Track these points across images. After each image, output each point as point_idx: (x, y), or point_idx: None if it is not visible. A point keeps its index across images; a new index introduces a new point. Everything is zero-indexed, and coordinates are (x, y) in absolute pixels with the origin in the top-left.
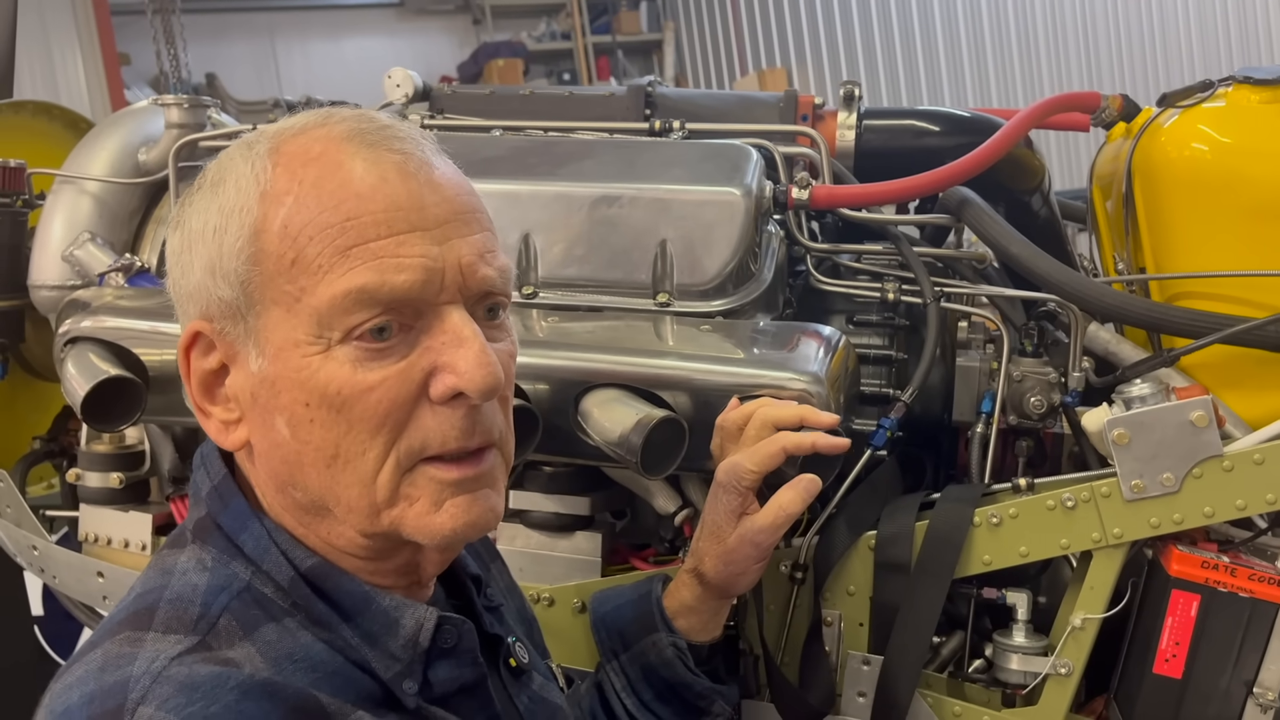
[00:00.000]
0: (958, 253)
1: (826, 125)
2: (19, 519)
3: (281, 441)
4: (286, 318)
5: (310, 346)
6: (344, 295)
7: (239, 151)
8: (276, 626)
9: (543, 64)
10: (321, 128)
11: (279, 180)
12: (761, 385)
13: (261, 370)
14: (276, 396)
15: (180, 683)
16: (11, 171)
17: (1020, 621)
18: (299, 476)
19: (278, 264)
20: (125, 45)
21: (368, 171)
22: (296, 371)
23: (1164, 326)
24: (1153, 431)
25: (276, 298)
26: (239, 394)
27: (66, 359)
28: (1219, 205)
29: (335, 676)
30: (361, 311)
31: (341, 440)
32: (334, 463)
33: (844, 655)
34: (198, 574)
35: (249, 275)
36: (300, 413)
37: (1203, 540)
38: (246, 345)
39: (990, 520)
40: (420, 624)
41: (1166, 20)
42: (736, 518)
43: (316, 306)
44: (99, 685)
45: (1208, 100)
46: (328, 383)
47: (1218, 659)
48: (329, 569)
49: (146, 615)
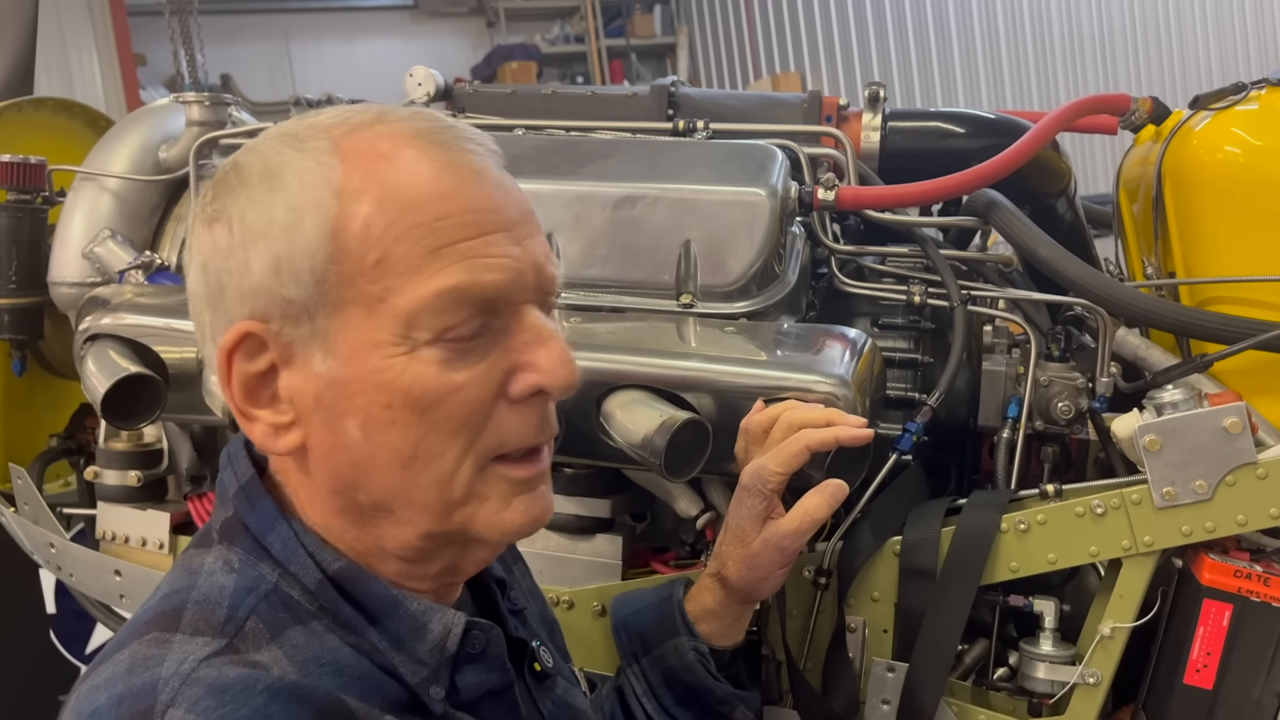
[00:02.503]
0: (983, 255)
1: (851, 126)
2: (36, 516)
3: (350, 444)
4: (365, 318)
5: (394, 348)
6: (437, 296)
7: (285, 145)
8: (303, 630)
9: (556, 67)
10: (382, 124)
11: (351, 178)
12: (787, 388)
13: (330, 371)
14: (350, 399)
15: (209, 685)
16: (32, 168)
17: (1048, 630)
18: (367, 479)
19: (359, 264)
20: (141, 46)
21: (445, 172)
22: (377, 373)
23: (1197, 331)
24: (1185, 438)
25: (354, 298)
26: (297, 396)
27: (86, 356)
28: (1252, 209)
29: (362, 680)
30: (454, 312)
31: (421, 441)
32: (411, 464)
33: (868, 662)
34: (224, 575)
35: (325, 274)
36: (379, 414)
37: (1234, 549)
38: (310, 346)
39: (1018, 526)
40: (448, 629)
41: (1184, 21)
42: (761, 522)
43: (405, 307)
44: (127, 687)
45: (1240, 103)
46: (413, 384)
47: (1250, 670)
48: (356, 572)
49: (174, 616)
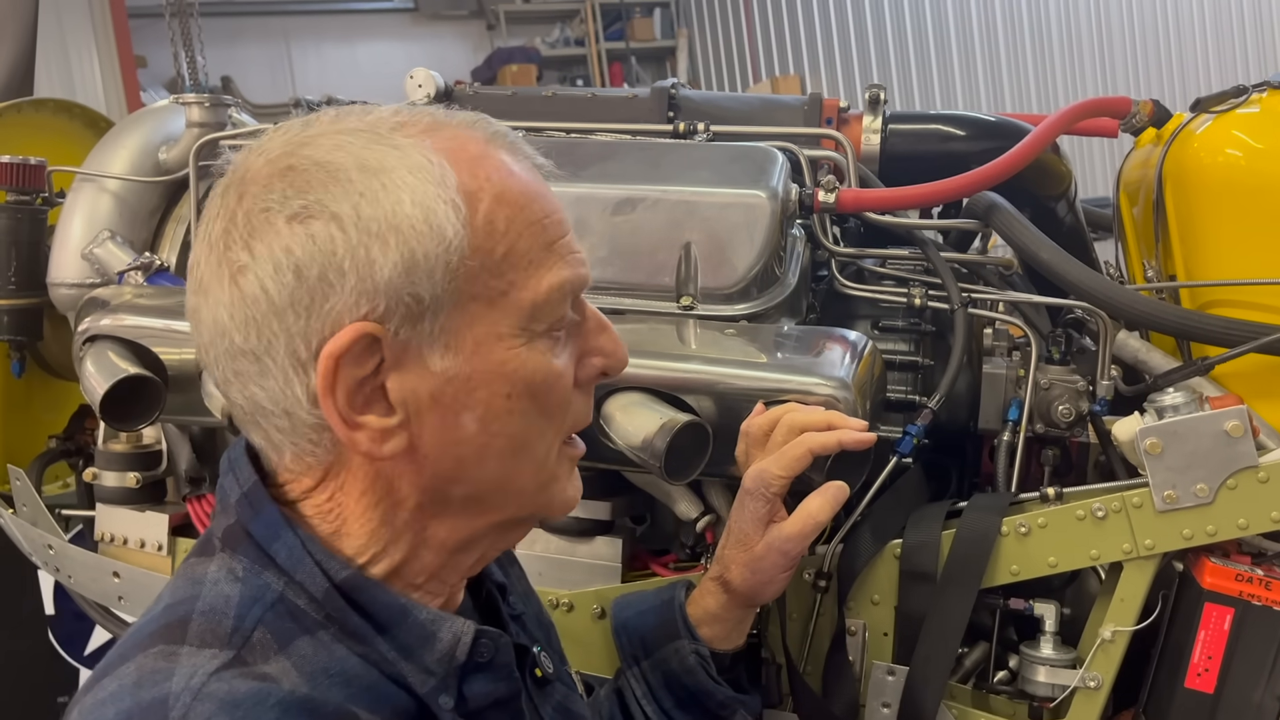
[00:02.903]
0: (984, 258)
1: (851, 129)
2: (35, 517)
3: (465, 438)
4: (488, 312)
5: (515, 339)
6: (557, 288)
7: (371, 142)
8: (310, 640)
9: (556, 70)
10: (453, 126)
11: (463, 175)
12: (787, 390)
13: (450, 368)
14: (471, 393)
15: (221, 700)
16: (32, 169)
17: (1048, 633)
18: (473, 470)
19: (487, 258)
20: (141, 48)
21: (532, 174)
22: (501, 364)
23: (1197, 335)
24: (1186, 441)
25: (478, 292)
26: (410, 397)
27: (85, 357)
28: (1253, 212)
29: (370, 691)
30: (563, 304)
31: (532, 427)
32: (521, 450)
33: (868, 665)
34: (229, 584)
35: (459, 269)
36: (500, 405)
37: (1235, 553)
38: (429, 344)
39: (1018, 530)
40: (458, 637)
41: (1182, 24)
42: (764, 525)
43: (531, 299)
44: (135, 702)
45: (1241, 106)
46: (534, 372)
47: (1251, 674)
48: (363, 581)
49: (180, 627)
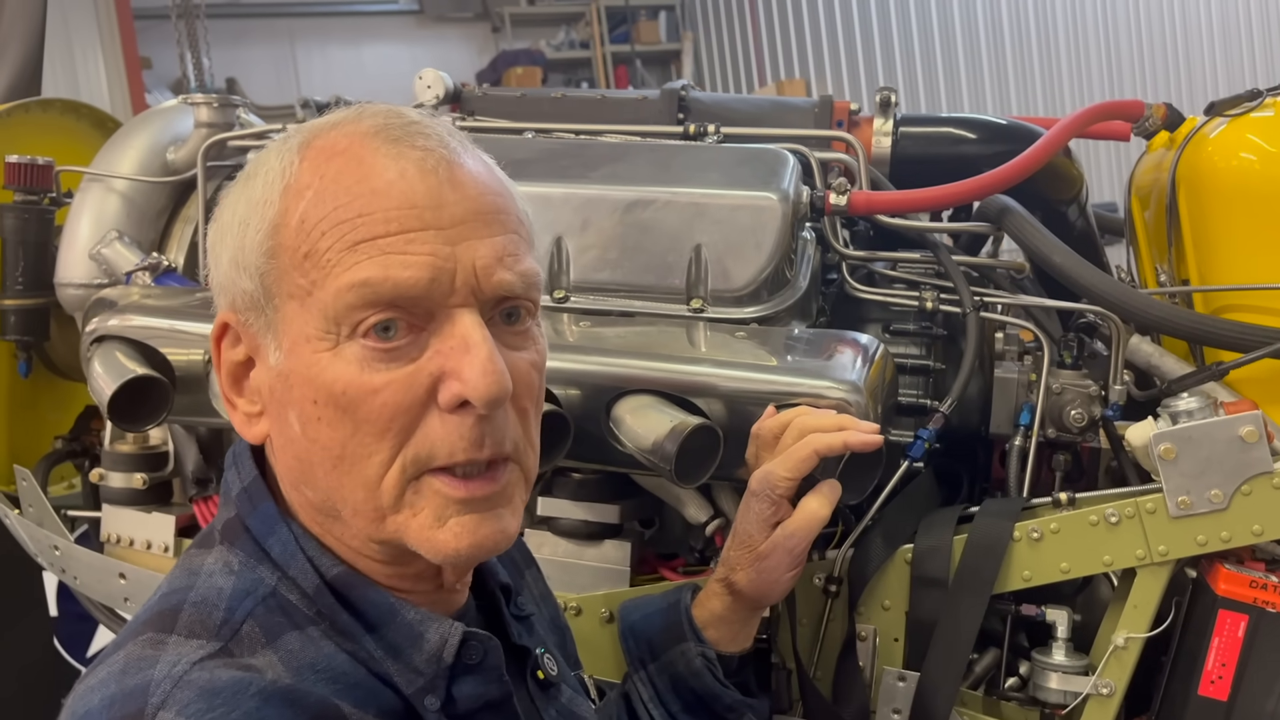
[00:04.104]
0: (995, 261)
1: (862, 131)
2: (41, 518)
3: (294, 438)
4: (300, 312)
5: (320, 342)
6: (348, 289)
7: (275, 146)
8: (299, 635)
9: (561, 72)
10: (352, 123)
11: (303, 174)
12: (798, 393)
13: (278, 364)
14: (290, 391)
15: (201, 688)
16: (40, 169)
17: (1060, 640)
18: (310, 475)
19: (292, 257)
20: (146, 49)
21: (387, 167)
22: (308, 367)
23: (1212, 339)
24: (1201, 447)
25: (291, 291)
26: (260, 387)
27: (94, 358)
28: (1267, 215)
29: (357, 689)
30: (366, 307)
31: (348, 441)
32: (340, 463)
33: (879, 671)
34: (224, 577)
35: (267, 268)
36: (309, 410)
37: (1249, 559)
38: (266, 338)
39: (1031, 535)
40: (445, 639)
41: (1189, 27)
42: (770, 527)
43: (326, 300)
44: (120, 688)
45: (1256, 109)
46: (334, 381)
47: (1265, 681)
48: (355, 578)
49: (170, 617)
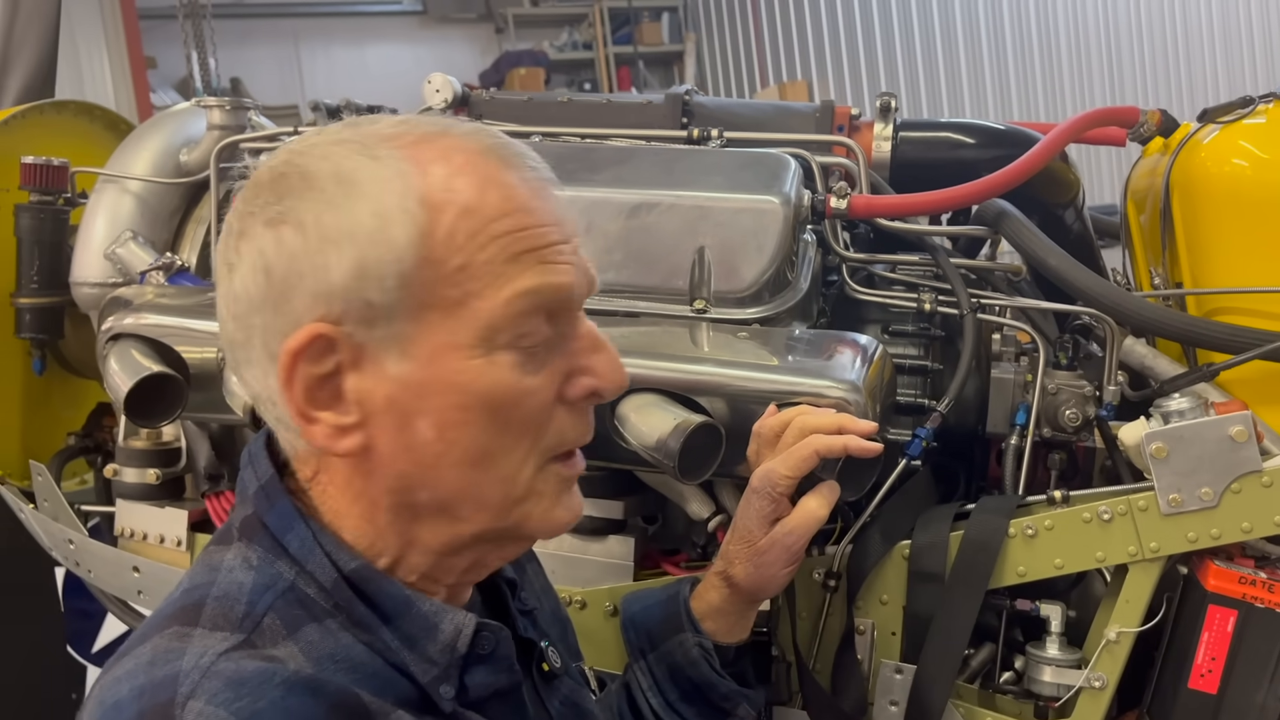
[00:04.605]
0: (992, 264)
1: (862, 136)
2: (56, 513)
3: (420, 443)
4: (445, 321)
5: (472, 349)
6: (517, 297)
7: (353, 152)
8: (318, 627)
9: (564, 73)
10: (449, 138)
11: (433, 188)
12: (799, 393)
13: (406, 374)
14: (424, 399)
15: (228, 678)
16: (55, 170)
17: (1054, 634)
18: (432, 477)
19: (440, 269)
20: (152, 49)
21: (521, 186)
22: (455, 375)
23: (1203, 341)
24: (1191, 446)
25: (434, 302)
26: (365, 398)
27: (110, 355)
28: (1259, 221)
29: (375, 678)
30: (531, 317)
31: (493, 442)
32: (480, 463)
33: (876, 664)
34: (243, 572)
35: (413, 279)
36: (453, 415)
37: (1239, 556)
38: (385, 349)
39: (1025, 532)
40: (459, 630)
41: (1190, 34)
42: (769, 524)
43: (487, 310)
44: (149, 679)
45: (1248, 116)
46: (492, 386)
47: (1254, 675)
48: (371, 572)
49: (194, 611)
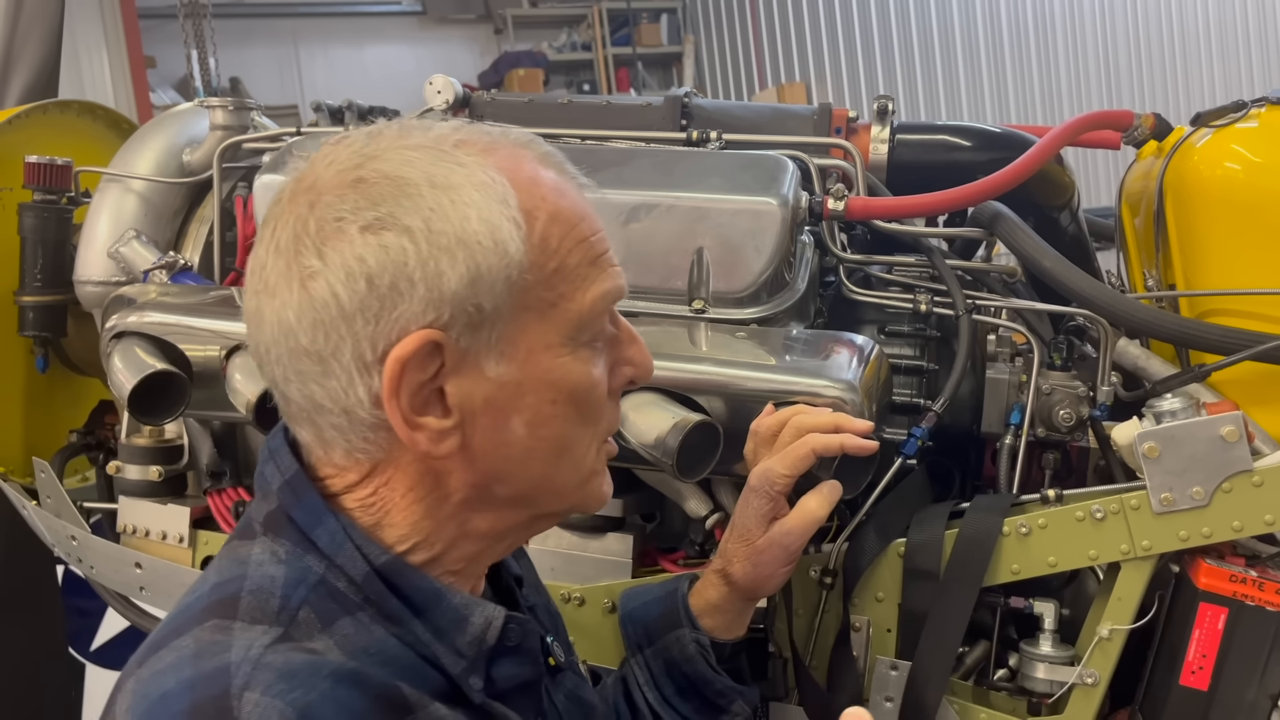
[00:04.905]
0: (988, 266)
1: (860, 138)
2: (59, 509)
3: (513, 440)
4: (539, 323)
5: (561, 348)
6: (601, 299)
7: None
8: (351, 620)
9: (563, 74)
10: (508, 146)
11: (521, 195)
12: (796, 392)
13: (503, 375)
14: (520, 398)
15: (278, 670)
16: (59, 169)
17: (1048, 631)
18: (518, 470)
19: (540, 273)
20: (151, 48)
21: (579, 194)
22: (548, 372)
23: (1195, 342)
24: (1183, 446)
25: (530, 304)
26: (465, 400)
27: (113, 353)
28: (1250, 224)
29: (408, 670)
30: (603, 316)
31: (573, 431)
32: (564, 452)
33: (872, 660)
34: (273, 566)
35: (517, 282)
36: (546, 410)
37: (1230, 554)
38: (486, 352)
39: (1019, 530)
40: (489, 622)
41: (1187, 38)
42: (767, 522)
43: (578, 311)
44: (197, 671)
45: (1241, 120)
46: (578, 380)
47: (1244, 672)
48: (401, 566)
49: (230, 604)
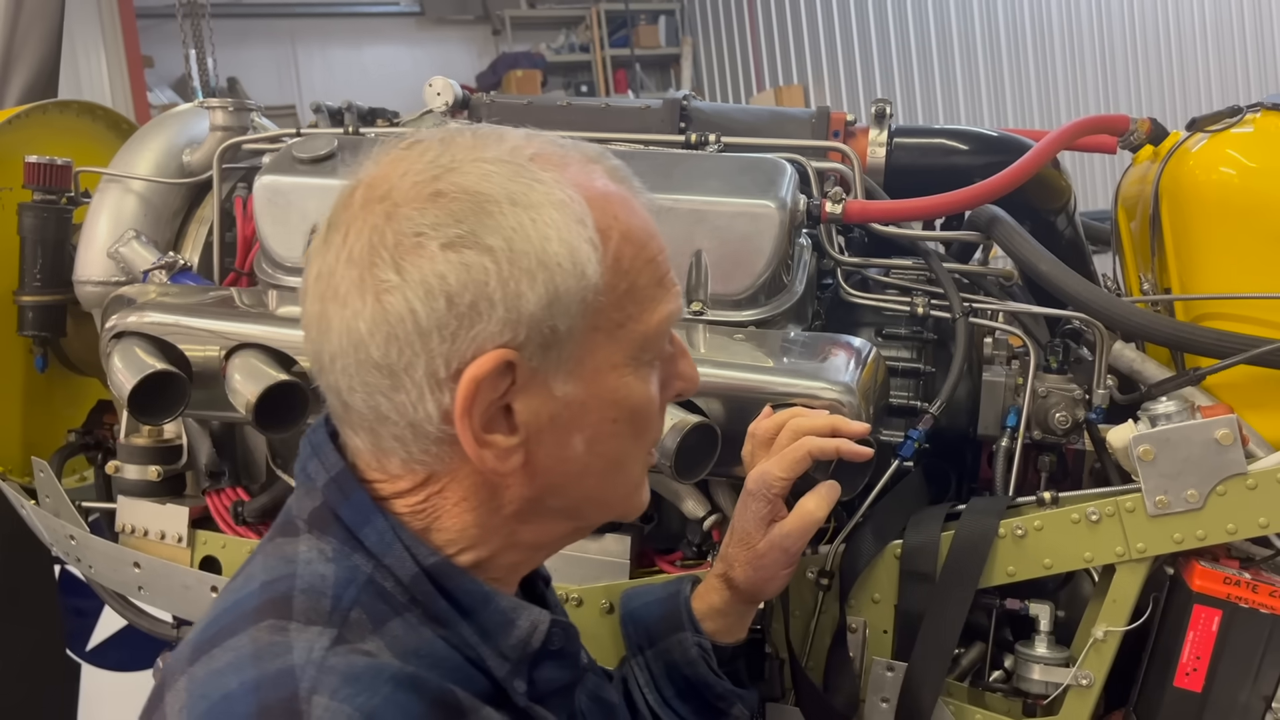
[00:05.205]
0: (984, 269)
1: (858, 142)
2: (57, 509)
3: (572, 457)
4: (607, 343)
5: (625, 368)
6: (666, 320)
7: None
8: (401, 621)
9: (561, 75)
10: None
11: (596, 213)
12: (794, 394)
13: (569, 394)
14: (584, 416)
15: (343, 673)
16: (59, 169)
17: (1043, 632)
18: (573, 485)
19: (612, 295)
20: (149, 48)
21: (645, 209)
22: (612, 391)
23: (1190, 346)
24: (1178, 448)
25: (600, 324)
26: (531, 419)
27: (113, 353)
28: (1245, 228)
29: (456, 672)
30: (666, 335)
31: (629, 447)
32: (618, 467)
33: (868, 661)
34: (322, 564)
35: (591, 304)
36: (607, 428)
37: (1224, 557)
38: (554, 371)
39: (1015, 532)
40: (535, 625)
41: (1184, 43)
42: (766, 525)
43: (644, 332)
44: (260, 672)
45: (1236, 126)
46: (640, 398)
47: (1238, 674)
48: (450, 568)
49: (283, 604)
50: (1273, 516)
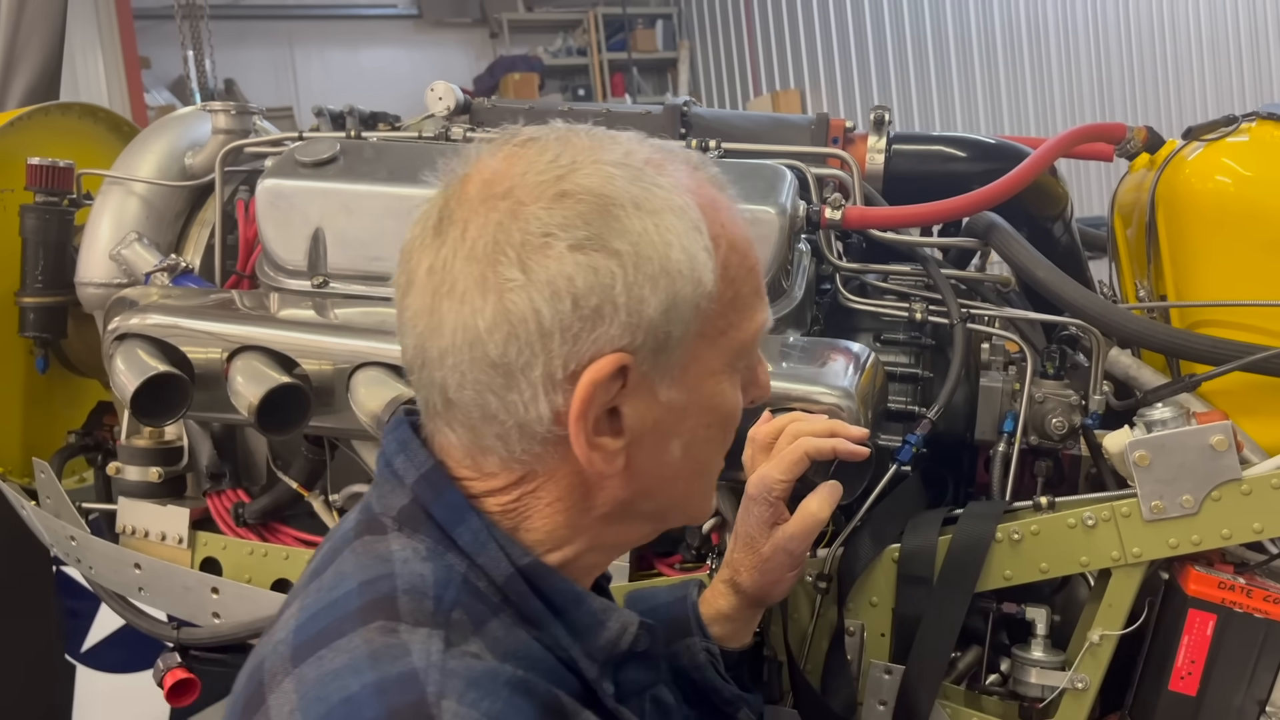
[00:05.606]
0: (982, 275)
1: (857, 148)
2: (58, 510)
3: (668, 461)
4: (709, 350)
5: (722, 374)
6: (760, 328)
7: (636, 178)
8: (498, 622)
9: (558, 79)
10: (689, 165)
11: (712, 222)
12: (793, 399)
13: (673, 399)
14: (683, 421)
15: (464, 677)
16: (61, 171)
17: (1039, 636)
18: (665, 489)
19: (719, 303)
20: (146, 49)
21: (741, 217)
22: (710, 398)
23: (1185, 353)
24: (1173, 454)
25: (706, 331)
26: (636, 423)
27: (116, 355)
28: (1240, 236)
29: (551, 674)
30: (758, 343)
31: (715, 452)
32: (705, 472)
33: (866, 664)
34: (419, 563)
35: (702, 311)
36: (702, 434)
37: (1219, 562)
38: (660, 376)
39: (1012, 536)
40: (624, 627)
41: (1180, 50)
42: (769, 528)
43: (742, 339)
44: (382, 675)
45: (1232, 134)
46: (730, 405)
47: (1232, 678)
48: (543, 568)
49: (389, 604)
50: (1267, 522)
